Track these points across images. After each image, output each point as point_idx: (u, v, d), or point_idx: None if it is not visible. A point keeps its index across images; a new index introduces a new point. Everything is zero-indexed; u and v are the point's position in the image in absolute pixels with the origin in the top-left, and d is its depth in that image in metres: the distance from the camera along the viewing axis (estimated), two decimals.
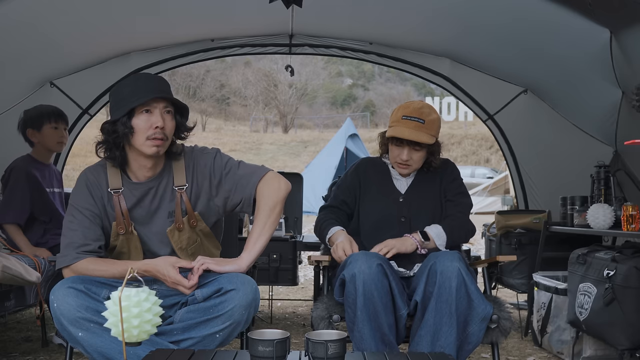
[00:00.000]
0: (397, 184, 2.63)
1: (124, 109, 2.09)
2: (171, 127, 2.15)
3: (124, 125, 2.09)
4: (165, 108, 2.14)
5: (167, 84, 2.23)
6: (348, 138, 14.85)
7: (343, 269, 2.22)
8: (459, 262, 2.16)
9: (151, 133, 2.10)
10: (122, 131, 2.09)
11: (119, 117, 2.09)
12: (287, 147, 26.16)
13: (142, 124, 2.10)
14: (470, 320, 2.14)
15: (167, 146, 2.17)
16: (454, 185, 2.63)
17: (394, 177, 2.64)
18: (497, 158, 22.35)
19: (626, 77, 3.51)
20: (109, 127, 2.12)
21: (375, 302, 2.11)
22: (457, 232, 2.53)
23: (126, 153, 2.17)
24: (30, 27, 3.70)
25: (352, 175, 2.68)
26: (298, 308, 4.81)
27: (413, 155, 2.54)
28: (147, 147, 2.11)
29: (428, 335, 2.12)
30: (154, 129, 2.10)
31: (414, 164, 2.56)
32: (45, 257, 3.19)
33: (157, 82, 2.17)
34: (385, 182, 2.63)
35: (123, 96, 2.12)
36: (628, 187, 3.79)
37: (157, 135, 2.10)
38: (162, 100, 2.13)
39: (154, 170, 2.21)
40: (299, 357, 1.70)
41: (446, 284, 2.11)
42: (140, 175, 2.21)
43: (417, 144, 2.51)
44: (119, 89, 2.17)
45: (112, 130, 2.11)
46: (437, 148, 2.59)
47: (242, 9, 4.32)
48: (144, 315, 1.58)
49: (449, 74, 4.99)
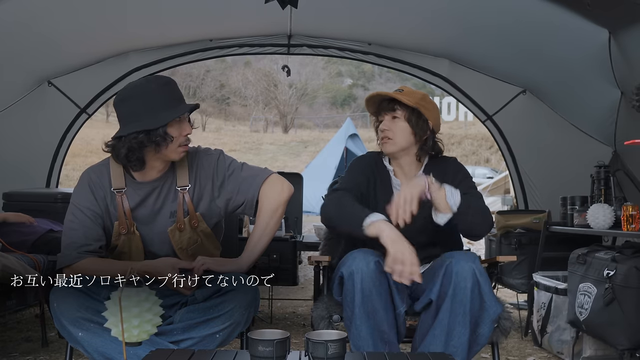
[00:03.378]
0: (396, 193, 2.41)
1: (163, 119, 2.07)
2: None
3: (164, 134, 2.09)
4: (187, 114, 2.18)
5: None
6: (348, 138, 14.86)
7: (340, 267, 2.21)
8: (475, 263, 2.15)
9: (183, 140, 2.14)
10: (160, 141, 2.09)
11: (158, 126, 2.07)
12: (287, 147, 26.14)
13: (177, 133, 2.13)
14: (481, 321, 2.14)
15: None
16: (464, 182, 2.40)
17: (395, 186, 2.48)
18: (497, 158, 22.33)
19: (625, 77, 3.51)
20: (144, 136, 2.07)
21: (374, 299, 2.10)
22: (473, 209, 2.23)
23: (145, 156, 2.14)
24: (27, 27, 3.71)
25: (359, 172, 2.47)
26: (298, 308, 4.81)
27: (392, 126, 2.38)
28: (177, 154, 2.16)
29: (442, 335, 2.11)
30: (184, 136, 2.14)
31: (394, 137, 2.38)
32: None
33: (177, 88, 2.20)
34: (385, 190, 2.46)
35: (160, 103, 2.09)
36: (628, 187, 3.80)
37: (187, 142, 2.17)
38: (192, 107, 2.18)
39: (162, 171, 2.22)
40: (299, 357, 1.70)
41: (462, 284, 2.10)
42: (148, 176, 2.21)
43: (394, 110, 2.38)
44: (142, 95, 2.10)
45: (145, 139, 2.08)
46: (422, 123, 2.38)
47: (240, 10, 4.33)
48: (144, 315, 1.58)
49: (448, 75, 5.00)
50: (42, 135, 4.98)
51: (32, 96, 4.64)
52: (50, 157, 5.07)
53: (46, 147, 5.03)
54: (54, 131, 5.03)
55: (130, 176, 2.21)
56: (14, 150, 4.69)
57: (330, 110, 34.68)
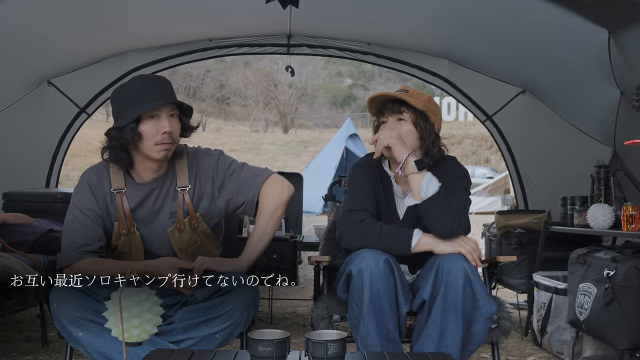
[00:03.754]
0: (398, 203, 2.41)
1: (130, 116, 2.08)
2: (177, 130, 2.15)
3: (131, 131, 2.08)
4: (171, 112, 2.13)
5: (170, 85, 2.21)
6: (348, 138, 14.87)
7: (348, 264, 2.21)
8: (466, 262, 2.15)
9: (159, 138, 2.10)
10: (130, 138, 2.09)
11: (126, 123, 2.08)
12: (287, 147, 26.13)
13: (149, 130, 2.09)
14: (475, 320, 2.13)
15: (174, 149, 2.18)
16: (455, 182, 2.34)
17: (396, 194, 2.42)
18: (497, 158, 22.33)
19: (624, 77, 3.51)
20: (116, 133, 2.10)
21: (382, 298, 2.10)
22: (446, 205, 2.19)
23: (132, 156, 2.16)
24: (26, 27, 3.72)
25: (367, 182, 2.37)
26: (298, 308, 4.81)
27: (397, 128, 2.29)
28: (155, 152, 2.12)
29: (435, 335, 2.11)
30: (162, 134, 2.10)
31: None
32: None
33: (161, 86, 2.15)
34: (387, 198, 2.41)
35: (128, 102, 2.10)
36: (628, 187, 3.80)
37: (165, 140, 2.10)
38: (168, 103, 2.12)
39: (159, 172, 2.21)
40: (299, 357, 1.70)
41: (453, 282, 2.10)
42: (145, 176, 2.21)
43: (400, 112, 2.30)
44: (122, 93, 2.15)
45: (119, 136, 2.10)
46: (429, 127, 2.31)
47: (240, 9, 4.32)
48: (144, 315, 1.58)
49: (448, 75, 4.99)
50: (41, 135, 4.98)
51: (31, 96, 4.64)
52: (50, 157, 5.07)
53: (46, 147, 5.03)
54: (54, 131, 5.03)
55: (129, 177, 2.21)
56: (13, 150, 4.68)
57: (330, 110, 34.65)
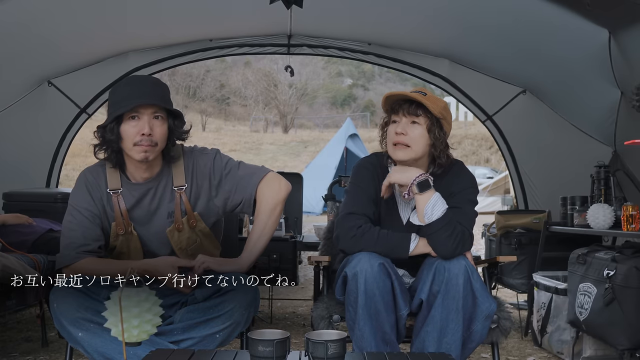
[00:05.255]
0: (401, 206, 2.37)
1: (112, 115, 2.09)
2: (161, 133, 2.12)
3: (111, 131, 2.09)
4: (154, 114, 2.11)
5: (161, 87, 2.17)
6: (348, 138, 14.87)
7: (344, 267, 2.21)
8: (465, 260, 2.16)
9: (138, 139, 2.08)
10: (109, 137, 2.10)
11: (107, 123, 2.10)
12: (287, 147, 26.13)
13: (129, 131, 2.09)
14: (475, 318, 2.14)
15: (158, 151, 2.15)
16: (460, 195, 2.28)
17: (398, 201, 2.37)
18: (497, 158, 22.32)
19: (625, 77, 3.51)
20: (101, 132, 2.13)
21: (377, 301, 2.10)
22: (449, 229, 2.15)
23: (122, 154, 2.17)
24: (27, 27, 3.72)
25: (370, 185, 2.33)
26: (298, 308, 4.81)
27: (410, 131, 2.23)
28: (135, 153, 2.11)
29: (435, 332, 2.11)
30: (141, 135, 2.08)
31: (413, 144, 2.23)
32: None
33: (148, 87, 2.13)
34: (388, 203, 2.36)
35: (114, 101, 2.12)
36: (628, 187, 3.80)
37: (144, 142, 2.08)
38: (151, 105, 2.10)
39: (151, 172, 2.21)
40: (299, 357, 1.70)
41: (454, 280, 2.10)
42: (137, 176, 2.21)
43: (417, 115, 2.23)
44: (113, 92, 2.18)
45: (102, 135, 2.12)
46: (442, 136, 2.26)
47: (240, 10, 4.32)
48: (144, 315, 1.58)
49: (448, 75, 4.99)
50: (42, 135, 4.98)
51: (32, 96, 4.64)
52: (50, 157, 5.07)
53: (46, 147, 5.03)
54: (54, 131, 5.03)
55: (125, 177, 2.21)
56: (13, 150, 4.68)
57: (330, 110, 34.65)
